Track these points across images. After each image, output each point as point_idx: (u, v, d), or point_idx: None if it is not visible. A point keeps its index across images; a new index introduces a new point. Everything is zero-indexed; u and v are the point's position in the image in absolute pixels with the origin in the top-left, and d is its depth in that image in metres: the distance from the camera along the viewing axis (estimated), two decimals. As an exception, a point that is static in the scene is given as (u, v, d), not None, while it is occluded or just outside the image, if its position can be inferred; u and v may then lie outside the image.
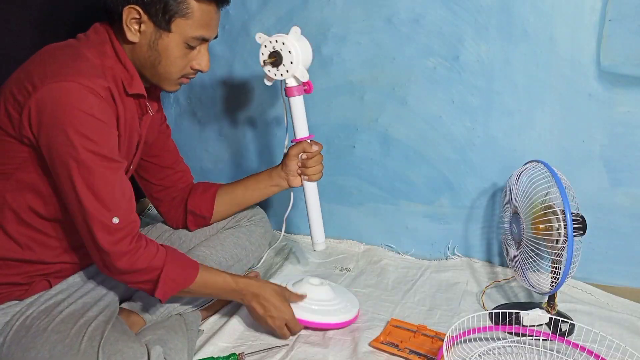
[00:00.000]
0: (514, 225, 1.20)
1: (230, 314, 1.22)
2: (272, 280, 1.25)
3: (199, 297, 1.14)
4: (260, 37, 1.15)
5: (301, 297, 1.15)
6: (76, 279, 1.07)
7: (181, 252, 1.05)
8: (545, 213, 1.11)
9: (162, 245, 1.00)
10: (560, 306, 1.20)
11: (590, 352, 1.02)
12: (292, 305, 1.14)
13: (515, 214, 1.19)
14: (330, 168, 1.58)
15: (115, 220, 0.90)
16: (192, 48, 1.00)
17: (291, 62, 1.12)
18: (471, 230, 1.48)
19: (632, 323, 1.20)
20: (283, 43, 1.11)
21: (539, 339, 1.04)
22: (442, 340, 1.03)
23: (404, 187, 1.51)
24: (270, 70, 1.15)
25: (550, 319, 1.12)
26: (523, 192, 1.16)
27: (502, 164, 1.38)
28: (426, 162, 1.46)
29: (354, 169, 1.56)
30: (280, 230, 1.67)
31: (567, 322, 1.07)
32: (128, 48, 0.99)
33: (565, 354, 1.02)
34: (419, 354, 1.08)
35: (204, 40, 1.01)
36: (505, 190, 1.29)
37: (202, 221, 1.28)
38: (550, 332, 1.11)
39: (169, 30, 0.96)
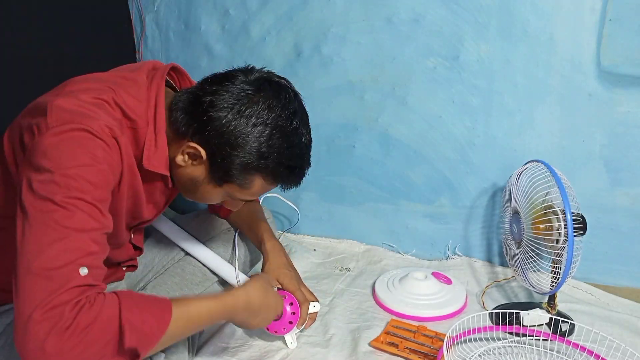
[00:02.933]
0: (514, 225, 1.20)
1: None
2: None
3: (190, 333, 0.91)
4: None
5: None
6: None
7: (145, 294, 0.84)
8: (545, 213, 1.11)
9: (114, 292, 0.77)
10: (561, 306, 1.20)
11: (590, 352, 1.02)
12: (402, 301, 1.22)
13: (516, 213, 1.19)
14: (330, 168, 1.58)
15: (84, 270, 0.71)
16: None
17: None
18: (471, 230, 1.48)
19: (632, 323, 1.20)
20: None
21: (539, 339, 1.04)
22: (442, 340, 1.03)
23: (404, 187, 1.51)
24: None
25: (551, 319, 1.12)
26: (523, 192, 1.16)
27: (502, 164, 1.38)
28: (426, 162, 1.46)
29: (354, 169, 1.56)
30: (281, 230, 1.68)
31: (567, 322, 1.07)
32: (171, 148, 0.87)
33: (565, 354, 1.02)
34: (419, 354, 1.08)
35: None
36: (505, 190, 1.29)
37: None
38: (551, 332, 1.11)
39: (219, 185, 0.87)
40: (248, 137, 0.81)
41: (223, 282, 1.20)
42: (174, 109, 0.87)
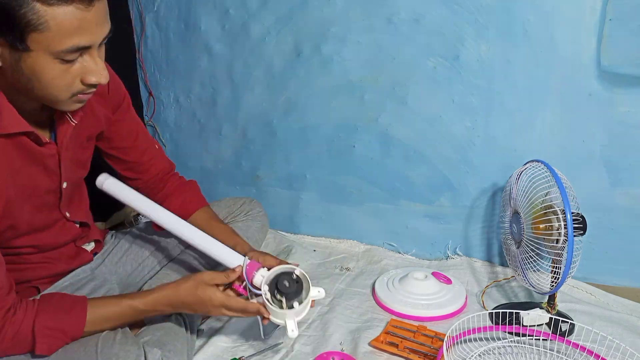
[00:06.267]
0: (514, 225, 1.20)
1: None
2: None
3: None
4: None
5: (230, 274, 0.98)
6: (66, 282, 1.06)
7: (65, 294, 0.94)
8: (545, 213, 1.11)
9: (34, 300, 0.89)
10: (560, 306, 1.20)
11: (590, 352, 1.02)
12: (402, 301, 1.22)
13: (516, 213, 1.19)
14: (330, 168, 1.58)
15: None
16: (70, 61, 0.77)
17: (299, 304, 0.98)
18: (471, 230, 1.48)
19: (632, 323, 1.20)
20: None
21: (539, 339, 1.04)
22: (442, 340, 1.03)
23: (404, 187, 1.51)
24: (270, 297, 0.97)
25: (550, 318, 1.12)
26: (523, 192, 1.16)
27: (502, 164, 1.38)
28: (426, 162, 1.46)
29: (354, 169, 1.56)
30: (281, 230, 1.68)
31: (567, 322, 1.07)
32: None
33: (565, 354, 1.02)
34: (419, 354, 1.08)
35: (84, 48, 0.77)
36: (505, 190, 1.29)
37: None
38: (550, 332, 1.11)
39: (26, 49, 0.73)
40: None
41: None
42: None
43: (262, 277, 0.98)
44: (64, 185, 0.98)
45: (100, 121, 1.04)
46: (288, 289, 0.96)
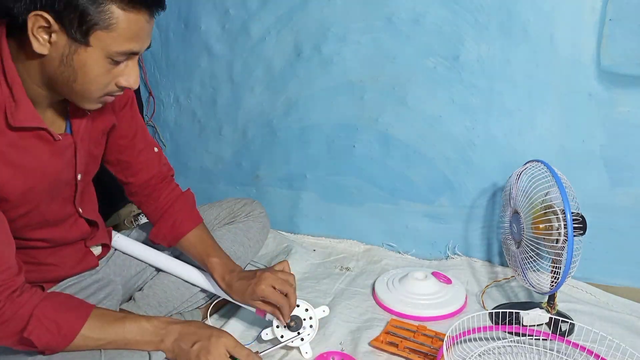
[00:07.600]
0: (514, 225, 1.20)
1: (230, 314, 1.22)
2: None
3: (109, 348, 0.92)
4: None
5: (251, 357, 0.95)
6: (71, 281, 1.06)
7: (74, 297, 0.94)
8: (545, 213, 1.11)
9: (43, 290, 0.91)
10: (560, 306, 1.20)
11: (590, 352, 1.02)
12: (402, 301, 1.24)
13: (516, 213, 1.19)
14: (330, 168, 1.58)
15: None
16: (117, 63, 0.83)
17: (308, 335, 1.09)
18: (471, 229, 1.48)
19: (632, 323, 1.20)
20: (310, 317, 1.09)
21: (539, 339, 1.04)
22: (442, 340, 1.03)
23: (404, 187, 1.51)
24: (279, 329, 1.08)
25: (550, 318, 1.12)
26: (523, 192, 1.16)
27: (502, 164, 1.38)
28: (426, 162, 1.47)
29: (354, 169, 1.56)
30: (281, 230, 1.68)
31: (567, 322, 1.07)
32: (33, 63, 0.81)
33: (565, 354, 1.02)
34: (419, 354, 1.08)
35: (133, 54, 0.84)
36: (505, 189, 1.29)
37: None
38: (550, 332, 1.11)
39: (87, 44, 0.78)
40: None
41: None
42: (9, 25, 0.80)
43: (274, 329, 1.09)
44: (79, 177, 0.99)
45: (112, 114, 1.04)
46: (293, 327, 1.08)
